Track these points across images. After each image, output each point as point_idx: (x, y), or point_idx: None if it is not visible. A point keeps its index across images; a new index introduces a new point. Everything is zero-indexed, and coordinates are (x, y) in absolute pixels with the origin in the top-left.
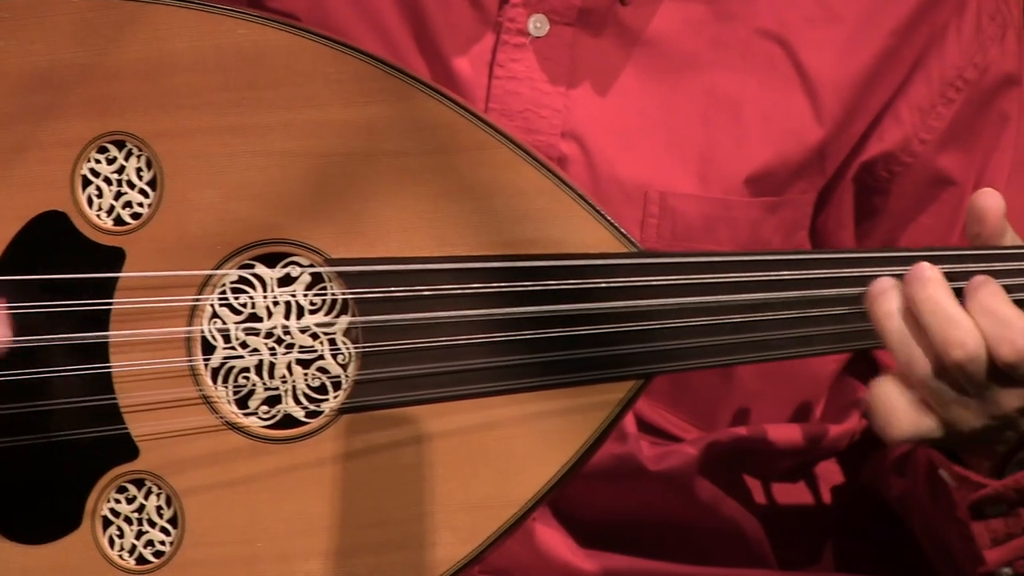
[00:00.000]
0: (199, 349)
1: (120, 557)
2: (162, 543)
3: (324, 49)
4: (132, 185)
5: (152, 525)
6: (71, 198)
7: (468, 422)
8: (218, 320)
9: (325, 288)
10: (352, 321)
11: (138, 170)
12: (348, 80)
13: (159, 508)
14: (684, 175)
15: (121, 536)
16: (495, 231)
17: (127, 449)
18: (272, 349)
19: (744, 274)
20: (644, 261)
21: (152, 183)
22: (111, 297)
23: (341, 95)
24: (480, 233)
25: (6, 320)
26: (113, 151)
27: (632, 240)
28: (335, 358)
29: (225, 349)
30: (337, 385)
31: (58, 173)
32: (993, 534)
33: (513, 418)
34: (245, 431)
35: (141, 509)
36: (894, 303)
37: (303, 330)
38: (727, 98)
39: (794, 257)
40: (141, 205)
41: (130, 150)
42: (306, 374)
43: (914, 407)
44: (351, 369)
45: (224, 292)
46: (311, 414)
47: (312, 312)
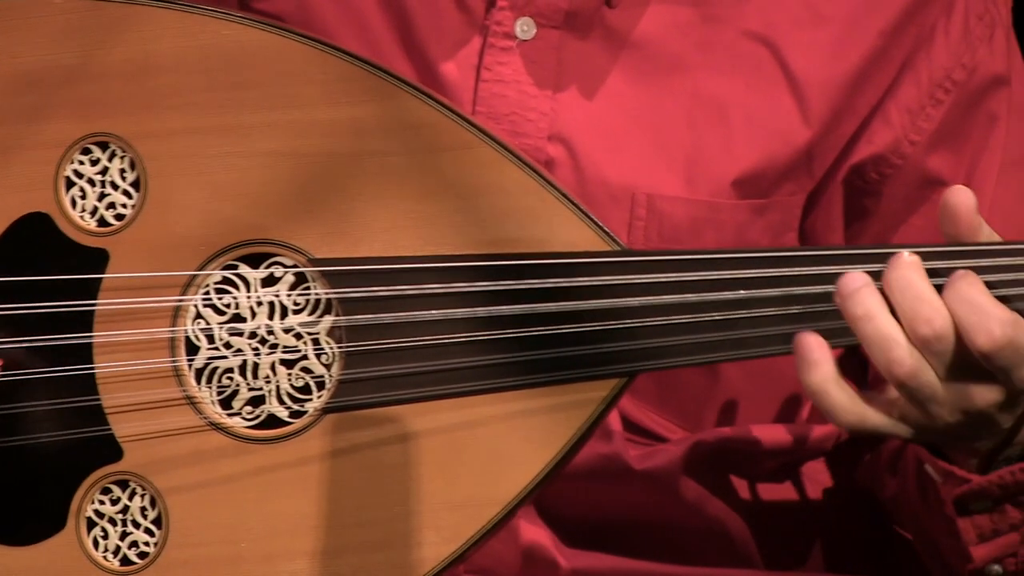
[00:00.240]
0: (183, 350)
1: (105, 558)
2: (146, 544)
3: (308, 49)
4: (115, 186)
5: (136, 526)
6: (55, 199)
7: (452, 421)
8: (202, 320)
9: (309, 288)
10: (336, 321)
11: (121, 171)
12: (332, 80)
13: (143, 509)
14: (671, 177)
15: (106, 537)
16: (479, 230)
17: (111, 450)
18: (256, 349)
19: (725, 271)
20: (627, 259)
21: (136, 184)
22: (95, 298)
23: (325, 95)
24: (464, 232)
25: None
26: (97, 152)
27: (615, 238)
28: (319, 358)
29: (209, 349)
30: (321, 385)
31: (42, 174)
32: (979, 530)
33: (497, 417)
34: (229, 431)
35: (125, 510)
36: (871, 302)
37: (287, 330)
38: (714, 100)
39: (774, 254)
40: (124, 206)
41: (114, 151)
42: (290, 374)
43: (856, 400)
44: (335, 369)
45: (208, 293)
46: (295, 414)
47: (296, 312)
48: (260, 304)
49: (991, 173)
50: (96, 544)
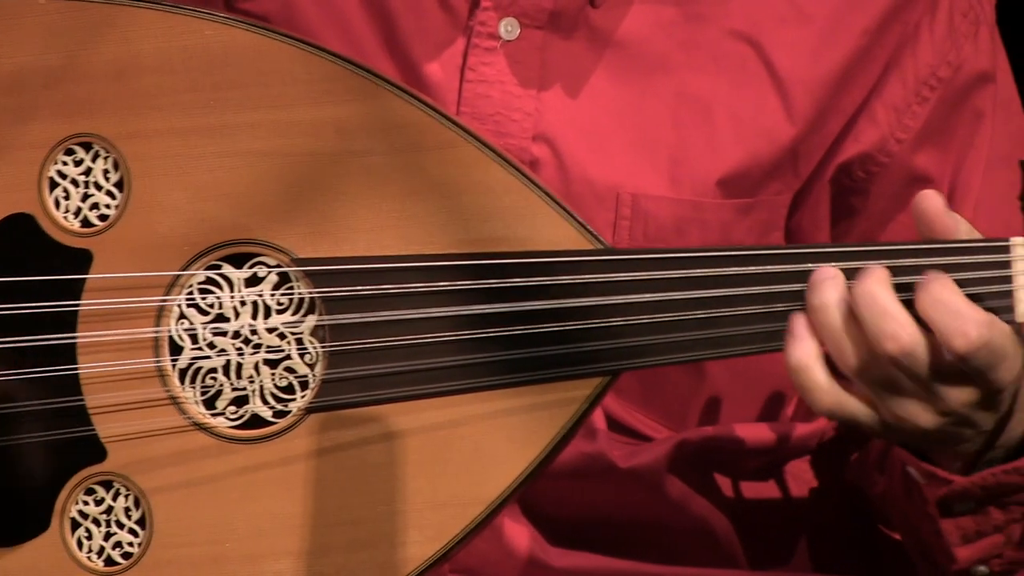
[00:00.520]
0: (167, 350)
1: (89, 559)
2: (131, 544)
3: (291, 49)
4: (99, 187)
5: (120, 526)
6: (38, 200)
7: (435, 420)
8: (185, 321)
9: (292, 288)
10: (319, 320)
11: (105, 172)
12: (315, 80)
13: (127, 509)
14: (655, 177)
15: (90, 538)
16: (462, 229)
17: (95, 450)
18: (239, 349)
19: (707, 269)
20: (610, 258)
21: (119, 184)
22: (79, 299)
23: (308, 95)
24: (447, 231)
25: None
26: (80, 153)
27: (599, 237)
28: (302, 357)
29: (192, 350)
30: (304, 384)
31: (25, 175)
32: (963, 531)
33: (480, 416)
34: (213, 431)
35: (109, 510)
36: (829, 295)
37: (270, 330)
38: (698, 99)
39: (757, 252)
40: (108, 207)
41: (97, 152)
42: (273, 374)
43: (835, 385)
44: (318, 368)
45: (191, 293)
46: (279, 414)
47: (279, 312)
48: (244, 304)
49: (977, 170)
50: (80, 545)
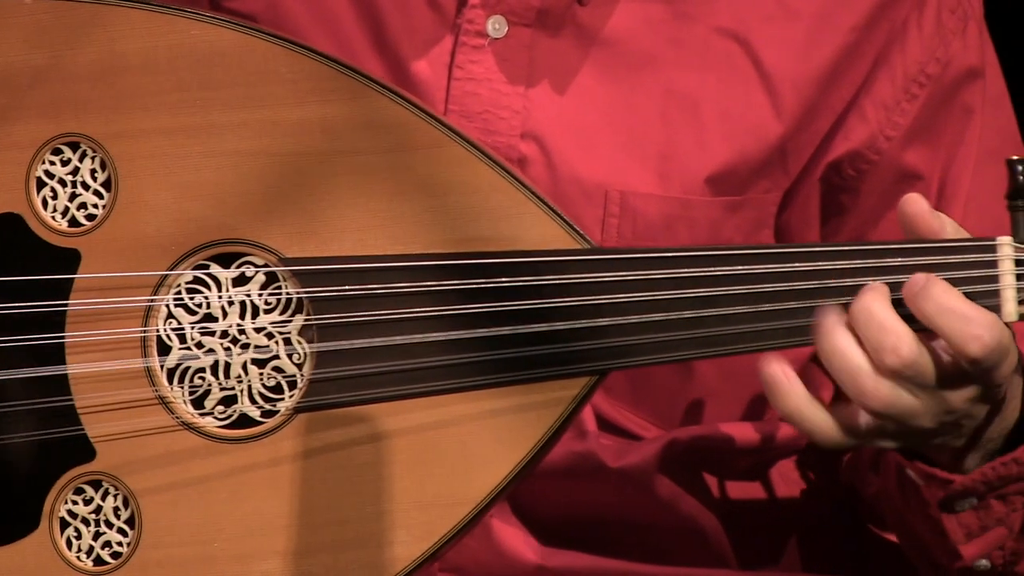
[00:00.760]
0: (155, 350)
1: (78, 558)
2: (120, 544)
3: (277, 48)
4: (87, 186)
5: (109, 526)
6: (26, 200)
7: (423, 420)
8: (173, 320)
9: (280, 287)
10: (307, 320)
11: (92, 171)
12: (302, 79)
13: (116, 509)
14: (644, 174)
15: (79, 537)
16: (449, 229)
17: (84, 450)
18: (227, 349)
19: (694, 269)
20: (597, 257)
21: (107, 184)
22: (67, 298)
23: (295, 94)
24: (434, 231)
25: None
26: (68, 153)
27: (585, 237)
28: (290, 357)
29: (181, 349)
30: (292, 384)
31: (12, 175)
32: (967, 528)
33: (467, 416)
34: (201, 431)
35: (98, 510)
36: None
37: (258, 330)
38: (686, 97)
39: (744, 251)
40: (96, 206)
41: (84, 151)
42: (261, 374)
43: (832, 420)
44: (306, 368)
45: (179, 292)
46: (267, 413)
47: (267, 311)
48: (231, 304)
49: (967, 166)
50: (69, 544)
